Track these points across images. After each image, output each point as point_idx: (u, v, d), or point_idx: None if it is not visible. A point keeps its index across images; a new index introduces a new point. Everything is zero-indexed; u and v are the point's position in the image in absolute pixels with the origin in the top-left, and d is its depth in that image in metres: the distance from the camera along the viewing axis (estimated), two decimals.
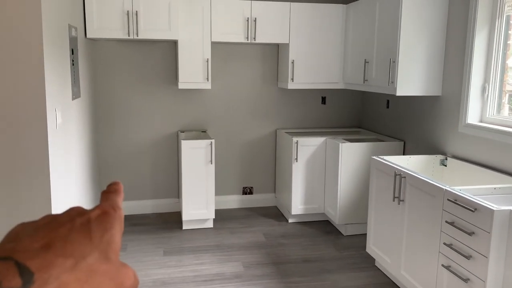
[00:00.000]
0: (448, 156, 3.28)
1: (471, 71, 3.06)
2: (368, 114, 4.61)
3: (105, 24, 3.69)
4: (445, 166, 3.27)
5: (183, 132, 4.39)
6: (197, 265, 3.35)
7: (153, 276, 3.17)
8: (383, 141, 4.06)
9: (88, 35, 3.68)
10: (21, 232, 0.34)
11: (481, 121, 3.13)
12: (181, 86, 3.99)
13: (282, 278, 3.16)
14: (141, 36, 3.76)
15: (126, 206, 4.43)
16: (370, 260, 3.46)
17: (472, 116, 3.13)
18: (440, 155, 3.32)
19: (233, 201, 4.67)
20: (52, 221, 0.35)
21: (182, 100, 4.41)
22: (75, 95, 3.14)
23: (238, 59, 4.45)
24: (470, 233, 2.18)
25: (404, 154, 3.93)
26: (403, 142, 3.93)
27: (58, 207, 2.50)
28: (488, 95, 3.07)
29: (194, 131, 4.45)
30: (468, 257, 2.21)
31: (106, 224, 0.36)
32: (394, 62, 3.32)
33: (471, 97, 3.10)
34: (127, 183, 4.41)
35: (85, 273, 0.33)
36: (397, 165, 2.96)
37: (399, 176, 2.84)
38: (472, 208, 2.17)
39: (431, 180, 2.56)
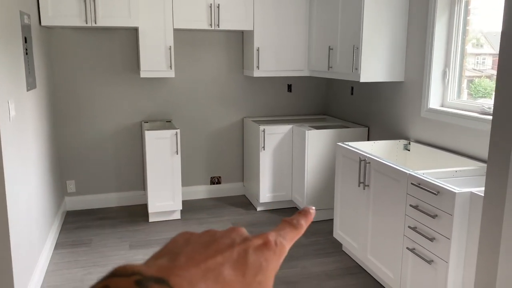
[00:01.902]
0: (411, 141, 3.34)
1: (432, 57, 3.11)
2: (333, 101, 4.63)
3: (61, 11, 3.52)
4: (408, 150, 3.32)
5: (147, 122, 4.28)
6: None
7: None
8: (348, 127, 4.09)
9: (42, 23, 3.51)
10: (182, 245, 0.33)
11: (442, 106, 3.19)
12: (143, 74, 3.88)
13: None
14: (100, 23, 3.62)
15: (90, 199, 4.31)
16: (337, 245, 3.50)
17: (434, 101, 3.18)
18: (404, 140, 3.38)
19: (201, 191, 4.62)
20: (213, 241, 0.33)
21: (145, 89, 4.29)
22: (30, 86, 2.99)
23: (202, 47, 4.37)
24: (434, 216, 2.23)
25: (368, 139, 3.98)
26: (367, 128, 3.98)
27: (13, 201, 2.39)
28: (448, 80, 3.13)
29: (158, 121, 4.35)
30: (431, 239, 2.25)
31: (262, 260, 0.33)
32: (357, 48, 3.33)
33: (432, 82, 3.15)
34: (90, 176, 4.28)
35: None
36: (361, 150, 2.99)
37: (364, 162, 2.87)
38: (435, 191, 2.21)
39: (395, 165, 2.59)
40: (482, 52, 3.19)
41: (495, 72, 3.18)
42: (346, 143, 3.22)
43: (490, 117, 2.67)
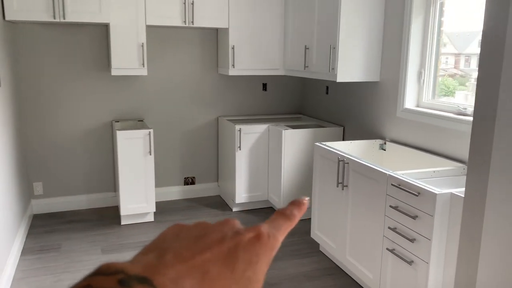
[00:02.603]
0: (387, 141, 3.36)
1: (408, 57, 3.13)
2: (309, 100, 4.62)
3: (27, 5, 3.35)
4: (384, 150, 3.34)
5: (118, 121, 4.15)
6: None
7: None
8: (323, 127, 4.08)
9: (6, 17, 3.32)
10: (171, 240, 0.32)
11: (417, 106, 3.22)
12: (114, 72, 3.75)
13: None
14: (68, 19, 3.47)
15: (58, 202, 4.14)
16: (315, 245, 3.49)
17: (409, 101, 3.21)
18: (380, 140, 3.39)
19: (175, 192, 4.52)
20: (203, 235, 0.32)
21: (115, 87, 4.15)
22: None
23: (176, 44, 4.26)
24: (414, 217, 2.23)
25: (343, 139, 3.98)
26: (342, 127, 3.98)
27: None
28: (424, 80, 3.16)
29: (130, 120, 4.22)
30: (412, 240, 2.26)
31: (253, 255, 0.32)
32: (334, 48, 3.32)
33: (408, 83, 3.17)
34: (58, 177, 4.11)
35: None
36: (339, 151, 2.98)
37: (343, 162, 2.86)
38: (416, 192, 2.22)
39: (374, 166, 2.59)
40: (445, 51, 3.23)
41: (457, 71, 3.25)
42: (324, 143, 3.21)
43: (465, 118, 2.71)
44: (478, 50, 3.18)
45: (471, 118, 2.67)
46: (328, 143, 3.23)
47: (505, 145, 1.91)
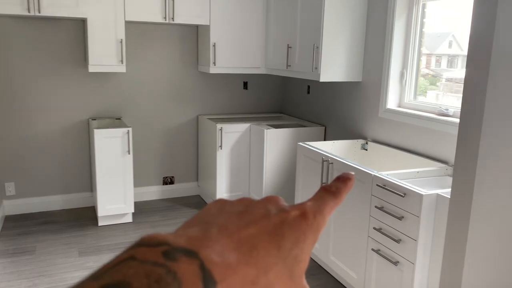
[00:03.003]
0: (369, 141, 3.37)
1: (390, 58, 3.15)
2: (289, 99, 4.61)
3: None
4: (366, 150, 3.35)
5: (95, 119, 4.03)
6: None
7: (69, 280, 2.88)
8: (305, 126, 4.07)
9: None
10: (215, 214, 0.31)
11: (399, 106, 3.24)
12: (91, 69, 3.63)
13: None
14: (44, 13, 3.33)
15: (32, 203, 3.99)
16: None
17: (391, 102, 3.23)
18: (361, 140, 3.40)
19: (153, 192, 4.43)
20: (247, 211, 0.31)
21: (93, 84, 4.03)
22: None
23: (156, 41, 4.17)
24: (400, 218, 2.24)
25: (325, 138, 3.98)
26: (324, 127, 3.98)
27: None
28: (406, 81, 3.19)
29: (107, 118, 4.10)
30: (397, 240, 2.27)
31: (300, 233, 0.30)
32: (317, 48, 3.30)
33: (390, 83, 3.19)
34: (32, 177, 3.96)
35: None
36: (323, 151, 2.96)
37: (327, 162, 2.85)
38: (402, 193, 2.22)
39: (359, 166, 2.59)
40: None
41: (429, 71, 3.29)
42: (307, 143, 3.19)
43: (448, 118, 2.74)
44: (448, 51, 3.24)
45: (453, 119, 2.71)
46: (311, 143, 3.21)
47: (491, 147, 1.93)
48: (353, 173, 0.37)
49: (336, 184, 0.35)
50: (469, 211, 1.95)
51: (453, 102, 3.00)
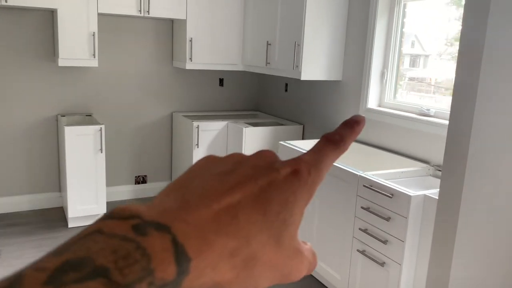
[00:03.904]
0: None
1: (372, 57, 3.14)
2: (266, 97, 4.55)
3: None
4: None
5: (64, 116, 3.84)
6: None
7: None
8: (283, 124, 4.03)
9: None
10: (198, 175, 0.29)
11: (379, 106, 3.25)
12: (61, 63, 3.45)
13: None
14: (11, 2, 3.13)
15: None
16: None
17: (372, 101, 3.23)
18: None
19: (125, 192, 4.28)
20: (234, 169, 0.28)
21: (62, 79, 3.83)
22: None
23: (130, 35, 4.01)
24: (387, 218, 2.22)
25: (303, 137, 3.96)
26: (302, 125, 3.95)
27: None
28: (386, 80, 3.19)
29: (77, 114, 3.92)
30: (384, 241, 2.25)
31: (289, 194, 0.27)
32: (299, 45, 3.26)
33: (371, 82, 3.18)
34: None
35: (243, 260, 0.25)
36: (304, 150, 2.92)
37: None
38: (389, 194, 2.21)
39: (344, 166, 2.56)
40: None
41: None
42: (289, 142, 3.15)
43: (429, 119, 2.76)
44: (411, 50, 3.27)
45: (434, 119, 2.72)
46: (293, 142, 3.17)
47: (481, 148, 1.94)
48: (363, 115, 0.32)
49: (341, 131, 0.31)
50: (458, 212, 1.95)
51: (415, 100, 3.03)
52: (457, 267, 2.03)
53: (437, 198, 2.05)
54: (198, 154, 3.85)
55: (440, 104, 2.92)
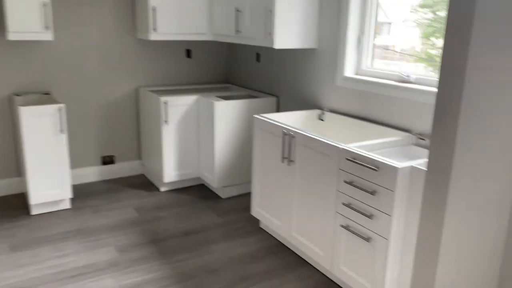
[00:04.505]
0: (325, 111, 3.23)
1: (348, 22, 2.98)
2: (237, 68, 4.34)
3: None
4: (323, 120, 3.21)
5: (20, 95, 3.53)
6: (58, 258, 2.76)
7: (1, 282, 2.51)
8: (256, 97, 3.86)
9: None
10: None
11: (357, 74, 3.11)
12: (11, 37, 3.13)
13: (165, 257, 2.80)
14: None
15: None
16: (254, 222, 3.31)
17: (349, 69, 3.09)
18: (318, 110, 3.25)
19: (92, 173, 4.04)
20: None
21: (15, 54, 3.51)
22: None
23: (87, 4, 3.69)
24: (372, 192, 2.12)
25: (278, 109, 3.80)
26: (276, 97, 3.79)
27: None
28: (363, 46, 3.05)
29: (33, 93, 3.62)
30: (370, 216, 2.15)
31: None
32: (271, 11, 3.05)
33: (348, 49, 3.03)
34: None
35: None
36: (282, 123, 2.77)
37: (289, 136, 2.66)
38: (375, 166, 2.10)
39: (325, 139, 2.43)
40: None
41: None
42: (264, 115, 2.99)
43: (409, 85, 2.64)
44: (385, 19, 3.14)
45: (415, 86, 2.61)
46: (268, 115, 3.01)
47: (472, 115, 1.84)
48: None
49: None
50: (447, 184, 1.86)
51: (382, 67, 2.92)
52: (447, 239, 1.95)
53: (425, 169, 1.95)
54: (167, 131, 3.64)
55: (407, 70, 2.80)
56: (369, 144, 2.39)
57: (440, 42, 2.70)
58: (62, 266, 2.67)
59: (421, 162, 2.07)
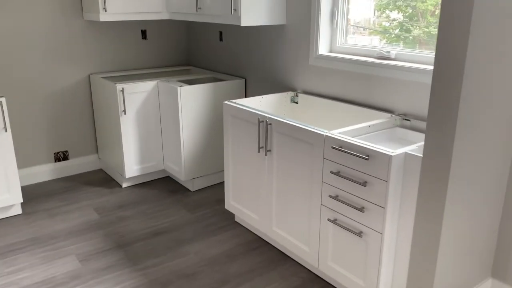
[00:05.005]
0: (299, 92, 3.01)
1: None
2: (198, 49, 4.02)
3: None
4: (296, 103, 3.00)
5: None
6: (10, 275, 2.43)
7: None
8: (221, 80, 3.58)
9: None
10: None
11: (330, 52, 2.90)
12: None
13: (134, 264, 2.53)
14: None
15: None
16: (228, 215, 3.09)
17: (323, 46, 2.86)
18: (290, 92, 3.03)
19: (44, 172, 3.65)
20: None
21: None
22: None
23: None
24: (363, 183, 1.93)
25: (246, 92, 3.54)
26: (243, 79, 3.52)
27: None
28: (337, 21, 2.82)
29: None
30: (361, 209, 1.97)
31: None
32: None
33: (322, 25, 2.80)
34: None
35: None
36: (255, 109, 2.53)
37: (264, 123, 2.42)
38: (365, 155, 1.90)
39: (306, 126, 2.21)
40: None
41: None
42: (234, 101, 2.72)
43: (390, 62, 2.46)
44: None
45: (395, 62, 2.43)
46: (238, 101, 2.75)
47: (479, 90, 1.66)
48: None
49: None
50: (448, 171, 1.69)
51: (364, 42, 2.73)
52: (447, 232, 1.80)
53: (421, 155, 1.78)
54: (126, 122, 3.31)
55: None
56: (353, 129, 2.20)
57: (393, 15, 2.57)
58: (14, 284, 2.35)
59: (414, 148, 1.90)
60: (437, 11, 2.41)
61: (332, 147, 2.04)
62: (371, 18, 2.73)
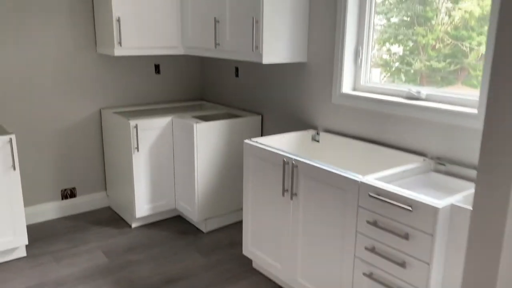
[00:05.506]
0: (320, 131, 2.89)
1: (345, 32, 2.65)
2: (212, 84, 3.93)
3: None
4: (318, 141, 2.87)
5: None
6: None
7: None
8: (237, 116, 3.47)
9: None
10: None
11: (354, 90, 2.79)
12: None
13: None
14: None
15: None
16: (245, 261, 2.90)
17: (346, 85, 2.76)
18: (311, 130, 2.91)
19: (50, 210, 3.49)
20: None
21: None
22: None
23: (37, 14, 3.17)
24: (404, 236, 1.77)
25: (262, 128, 3.42)
26: (260, 115, 3.41)
27: None
28: (362, 59, 2.73)
29: None
30: (402, 264, 1.81)
31: None
32: (257, 22, 2.68)
33: (345, 63, 2.71)
34: None
35: None
36: (277, 149, 2.40)
37: (290, 165, 2.29)
38: (408, 205, 1.76)
39: (339, 171, 2.07)
40: None
41: None
42: (255, 140, 2.60)
43: (420, 103, 2.34)
44: None
45: (426, 103, 2.32)
46: (259, 139, 2.62)
47: None
48: None
49: None
50: (504, 226, 1.54)
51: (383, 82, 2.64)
52: None
53: (469, 208, 1.63)
54: (138, 159, 3.17)
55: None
56: (388, 174, 2.06)
57: (394, 49, 2.60)
58: None
59: (460, 198, 1.75)
60: (438, 45, 2.36)
61: (370, 195, 1.89)
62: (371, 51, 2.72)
